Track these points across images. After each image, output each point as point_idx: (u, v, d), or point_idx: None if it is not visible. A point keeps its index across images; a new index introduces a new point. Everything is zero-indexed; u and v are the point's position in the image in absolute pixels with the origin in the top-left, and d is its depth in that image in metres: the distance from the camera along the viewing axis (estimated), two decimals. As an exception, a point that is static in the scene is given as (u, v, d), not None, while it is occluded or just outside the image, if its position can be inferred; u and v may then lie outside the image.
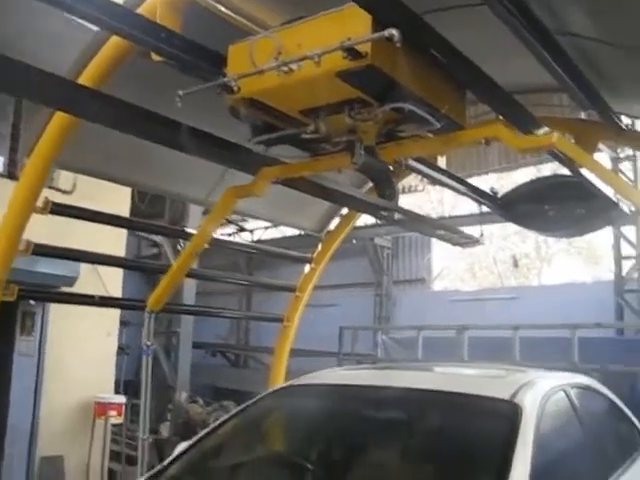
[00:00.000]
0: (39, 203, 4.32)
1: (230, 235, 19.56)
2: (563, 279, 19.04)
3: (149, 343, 5.80)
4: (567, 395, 3.64)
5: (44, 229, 5.04)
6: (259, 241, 18.15)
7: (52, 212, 4.50)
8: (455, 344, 9.84)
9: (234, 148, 4.25)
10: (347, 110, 3.45)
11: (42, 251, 4.74)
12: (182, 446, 3.54)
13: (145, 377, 5.77)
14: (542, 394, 3.32)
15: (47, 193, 4.68)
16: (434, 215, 20.79)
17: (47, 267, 7.19)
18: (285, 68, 3.14)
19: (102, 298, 5.46)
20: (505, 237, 23.04)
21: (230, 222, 18.18)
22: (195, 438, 3.59)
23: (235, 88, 3.38)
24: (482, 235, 6.72)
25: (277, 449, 3.60)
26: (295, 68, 3.12)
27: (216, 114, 3.86)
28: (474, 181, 15.77)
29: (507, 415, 3.02)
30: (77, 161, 4.59)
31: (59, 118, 3.90)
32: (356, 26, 3.02)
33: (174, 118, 3.93)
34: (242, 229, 18.65)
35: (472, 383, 3.75)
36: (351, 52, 2.97)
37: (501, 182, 21.00)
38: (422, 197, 18.03)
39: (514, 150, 3.99)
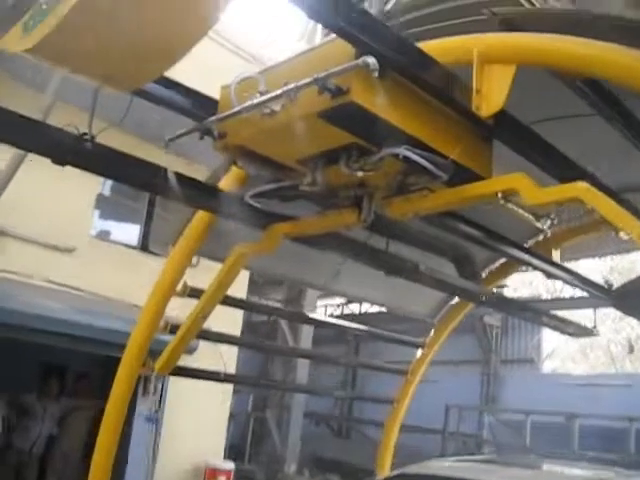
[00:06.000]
0: (179, 287, 4.78)
1: (338, 306, 19.95)
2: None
3: (155, 409, 5.49)
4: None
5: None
6: (366, 314, 18.39)
7: (189, 295, 4.95)
8: (565, 431, 9.65)
9: (238, 203, 3.80)
10: (344, 158, 3.02)
11: (175, 330, 5.17)
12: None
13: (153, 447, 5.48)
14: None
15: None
16: (545, 293, 20.41)
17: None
18: (267, 110, 2.78)
19: (227, 375, 5.81)
20: (621, 317, 22.22)
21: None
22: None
23: (215, 132, 3.10)
24: (595, 327, 6.68)
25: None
26: (278, 109, 2.76)
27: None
28: (588, 263, 15.46)
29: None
30: (213, 250, 4.97)
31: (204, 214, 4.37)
32: (341, 59, 2.60)
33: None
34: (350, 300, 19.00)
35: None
36: (329, 87, 2.56)
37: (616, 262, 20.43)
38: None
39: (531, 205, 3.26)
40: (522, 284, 20.62)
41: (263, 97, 2.76)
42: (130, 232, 9.68)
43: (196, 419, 9.36)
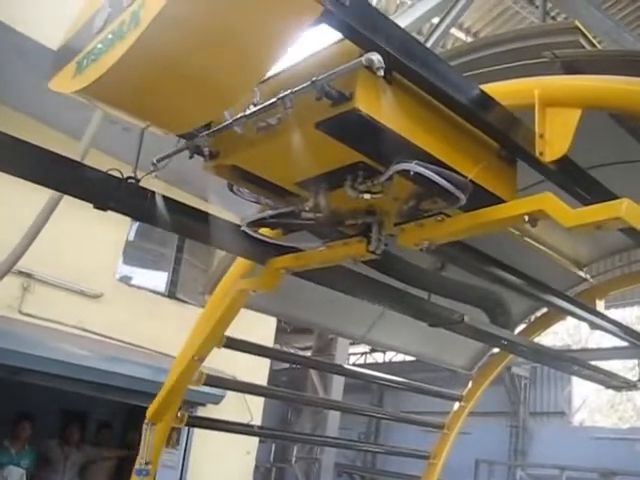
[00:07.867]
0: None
1: (362, 355, 19.67)
2: None
3: (144, 461, 5.07)
4: None
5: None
6: (390, 363, 18.13)
7: (225, 346, 4.75)
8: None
9: (234, 232, 3.43)
10: (349, 180, 2.68)
11: (210, 382, 4.98)
12: None
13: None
14: None
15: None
16: (572, 343, 20.02)
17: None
18: (262, 123, 2.46)
19: (260, 427, 5.61)
20: (649, 369, 21.73)
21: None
22: None
23: (206, 151, 2.74)
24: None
25: None
26: (274, 123, 2.45)
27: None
28: (617, 312, 15.18)
29: None
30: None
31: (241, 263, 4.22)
32: (345, 61, 2.24)
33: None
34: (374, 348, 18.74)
35: None
36: (328, 93, 2.23)
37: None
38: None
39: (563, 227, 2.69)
40: (546, 333, 20.30)
41: (256, 107, 2.42)
42: (157, 278, 9.59)
43: (221, 470, 9.13)
